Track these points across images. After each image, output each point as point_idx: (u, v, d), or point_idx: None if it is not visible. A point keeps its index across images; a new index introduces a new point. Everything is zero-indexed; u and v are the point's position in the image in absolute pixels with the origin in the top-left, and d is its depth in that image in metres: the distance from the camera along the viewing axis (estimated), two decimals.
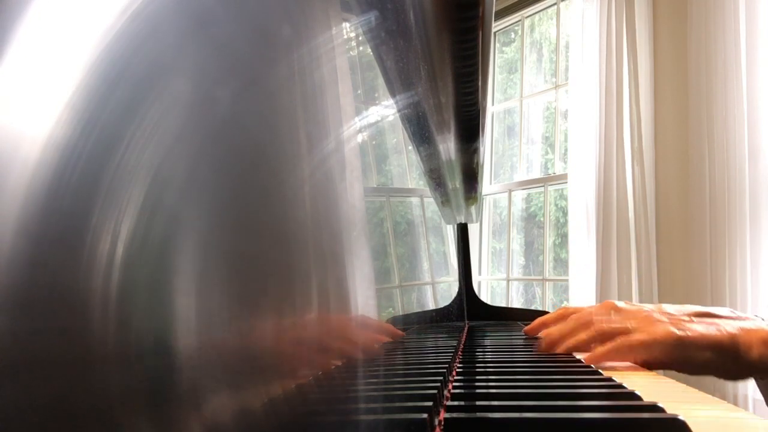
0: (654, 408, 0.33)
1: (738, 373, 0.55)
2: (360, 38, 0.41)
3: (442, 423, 0.32)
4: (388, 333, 0.52)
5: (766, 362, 0.53)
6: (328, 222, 0.26)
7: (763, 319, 0.57)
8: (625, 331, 0.58)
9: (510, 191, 2.66)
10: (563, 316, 0.84)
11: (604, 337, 0.59)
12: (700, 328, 0.56)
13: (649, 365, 0.63)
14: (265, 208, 0.18)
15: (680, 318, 0.58)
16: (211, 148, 0.15)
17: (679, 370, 0.61)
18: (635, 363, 0.63)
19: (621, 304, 0.80)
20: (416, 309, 0.86)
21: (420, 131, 0.69)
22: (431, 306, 1.07)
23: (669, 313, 0.59)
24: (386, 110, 0.53)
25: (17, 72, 0.08)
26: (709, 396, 0.39)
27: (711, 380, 1.66)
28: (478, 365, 0.58)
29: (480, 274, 2.74)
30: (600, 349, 0.57)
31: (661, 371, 0.59)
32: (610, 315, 0.63)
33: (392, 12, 0.43)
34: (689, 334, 0.55)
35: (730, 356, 0.54)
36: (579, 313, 0.67)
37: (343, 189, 0.28)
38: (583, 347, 0.60)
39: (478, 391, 0.44)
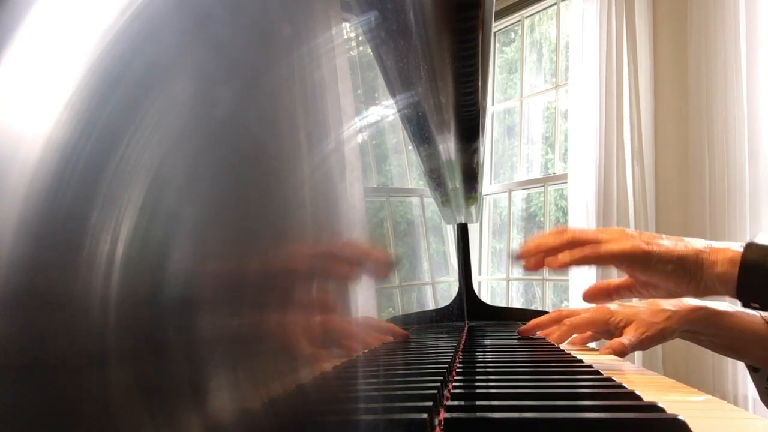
0: (654, 408, 0.33)
1: (700, 288, 0.57)
2: (360, 38, 0.41)
3: (442, 423, 0.32)
4: (393, 333, 0.52)
5: (728, 280, 0.55)
6: (328, 222, 0.26)
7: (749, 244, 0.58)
8: (596, 241, 0.60)
9: (510, 191, 2.66)
10: (557, 319, 0.84)
11: (575, 243, 0.61)
12: (668, 243, 0.59)
13: (623, 289, 0.64)
14: (265, 208, 0.18)
15: (651, 236, 0.60)
16: (211, 148, 0.15)
17: (642, 292, 0.63)
18: (610, 285, 0.66)
19: (614, 306, 0.83)
20: (416, 309, 0.86)
21: (420, 131, 0.69)
22: (431, 306, 1.07)
23: (641, 232, 0.62)
24: (386, 110, 0.53)
25: (17, 72, 0.08)
26: None
27: (711, 379, 1.66)
28: (478, 365, 0.58)
29: (480, 274, 2.74)
30: (568, 253, 0.59)
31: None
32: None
33: (392, 12, 0.43)
34: (655, 248, 0.58)
35: (691, 270, 0.56)
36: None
37: (343, 189, 0.28)
38: (552, 253, 0.62)
39: (478, 391, 0.44)
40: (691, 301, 0.77)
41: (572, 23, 2.16)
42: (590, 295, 0.67)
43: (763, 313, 0.76)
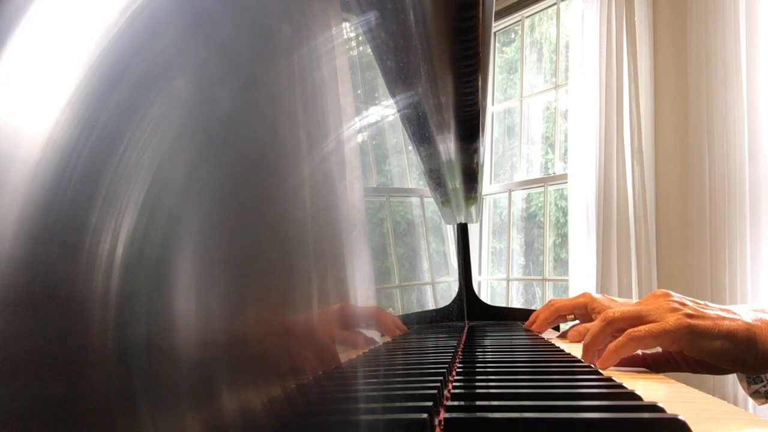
0: (654, 408, 0.33)
1: (757, 365, 0.52)
2: (360, 38, 0.41)
3: (442, 423, 0.32)
4: (393, 325, 0.52)
5: None
6: (328, 222, 0.26)
7: None
8: (636, 317, 0.55)
9: (510, 191, 2.66)
10: (581, 305, 0.86)
11: (614, 325, 0.57)
12: (714, 315, 0.53)
13: (663, 362, 0.60)
14: (265, 208, 0.18)
15: (696, 305, 0.55)
16: (211, 148, 0.15)
17: (693, 368, 0.58)
18: (647, 354, 0.60)
19: (597, 295, 0.86)
20: (416, 309, 0.86)
21: (420, 131, 0.69)
22: (431, 306, 1.07)
23: (683, 302, 0.56)
24: (386, 110, 0.53)
25: (17, 71, 0.08)
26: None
27: (711, 379, 1.66)
28: (478, 365, 0.58)
29: (480, 274, 2.74)
30: (610, 347, 0.55)
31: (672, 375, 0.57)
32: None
33: (392, 12, 0.43)
34: (701, 322, 0.52)
35: (745, 347, 0.51)
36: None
37: (343, 189, 0.28)
38: (599, 341, 0.58)
39: (478, 391, 0.44)
40: None
41: (572, 23, 2.16)
42: (625, 362, 0.61)
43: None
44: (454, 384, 0.43)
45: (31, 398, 0.08)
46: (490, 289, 2.77)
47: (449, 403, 0.37)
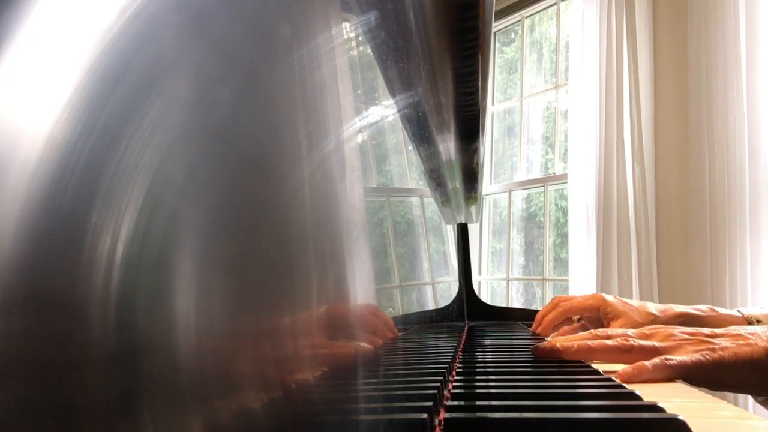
0: (654, 408, 0.33)
1: None
2: (360, 38, 0.41)
3: (442, 423, 0.32)
4: (389, 327, 0.51)
5: None
6: (328, 222, 0.26)
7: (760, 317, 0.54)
8: (653, 352, 0.53)
9: (510, 191, 2.66)
10: (556, 306, 0.85)
11: (631, 354, 0.54)
12: (730, 345, 0.50)
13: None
14: (265, 208, 0.18)
15: (703, 336, 0.53)
16: (211, 148, 0.15)
17: (710, 389, 0.57)
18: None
19: (610, 298, 0.82)
20: (416, 309, 0.86)
21: (420, 131, 0.69)
22: (431, 306, 1.07)
23: (685, 333, 0.54)
24: (386, 110, 0.53)
25: (18, 71, 0.08)
26: None
27: None
28: (478, 365, 0.58)
29: (480, 274, 2.74)
30: (647, 367, 0.50)
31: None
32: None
33: (392, 12, 0.43)
34: (723, 354, 0.49)
35: (766, 372, 0.48)
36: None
37: (343, 189, 0.28)
38: (605, 356, 0.56)
39: (478, 391, 0.44)
40: (676, 308, 0.76)
41: (572, 23, 2.16)
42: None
43: (744, 311, 0.75)
44: (454, 384, 0.43)
45: (30, 398, 0.08)
46: (490, 289, 2.77)
47: (449, 403, 0.37)
